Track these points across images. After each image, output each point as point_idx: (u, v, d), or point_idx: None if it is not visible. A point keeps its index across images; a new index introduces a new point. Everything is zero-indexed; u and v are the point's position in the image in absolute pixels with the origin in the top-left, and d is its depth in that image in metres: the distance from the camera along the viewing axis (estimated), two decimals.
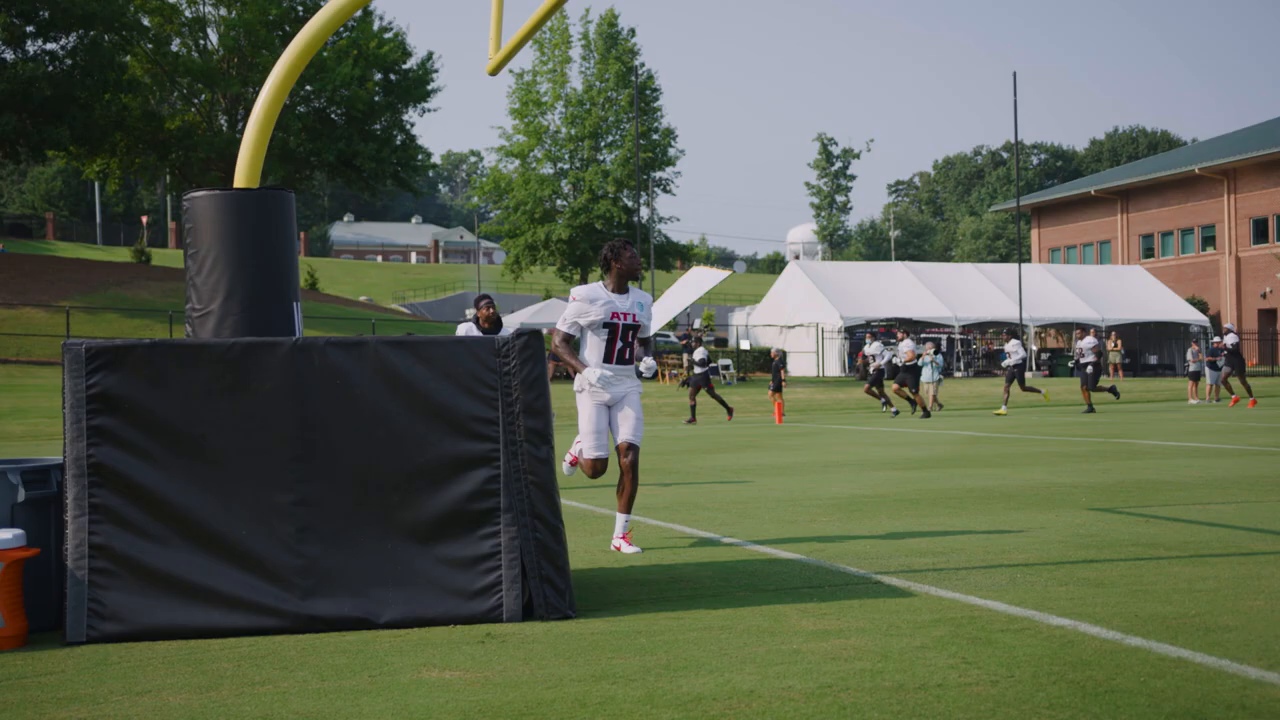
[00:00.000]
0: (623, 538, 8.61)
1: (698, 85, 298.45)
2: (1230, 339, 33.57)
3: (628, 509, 8.57)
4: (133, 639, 5.98)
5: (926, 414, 29.16)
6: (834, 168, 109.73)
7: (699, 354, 29.52)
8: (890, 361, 32.71)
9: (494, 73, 8.85)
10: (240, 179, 7.20)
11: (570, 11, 69.13)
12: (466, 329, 12.22)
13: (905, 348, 29.99)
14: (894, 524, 9.83)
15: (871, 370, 30.67)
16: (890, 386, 30.52)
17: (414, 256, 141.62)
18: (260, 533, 6.15)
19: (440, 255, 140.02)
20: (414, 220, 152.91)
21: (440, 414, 6.30)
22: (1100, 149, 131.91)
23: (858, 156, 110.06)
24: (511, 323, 55.38)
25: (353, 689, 5.02)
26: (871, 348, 30.40)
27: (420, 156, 60.56)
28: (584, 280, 68.02)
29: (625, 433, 8.42)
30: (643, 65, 65.52)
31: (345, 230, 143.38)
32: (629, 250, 8.54)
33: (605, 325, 8.45)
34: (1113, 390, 30.37)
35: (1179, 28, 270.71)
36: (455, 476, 6.30)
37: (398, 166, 58.47)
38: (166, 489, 6.10)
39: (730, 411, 29.30)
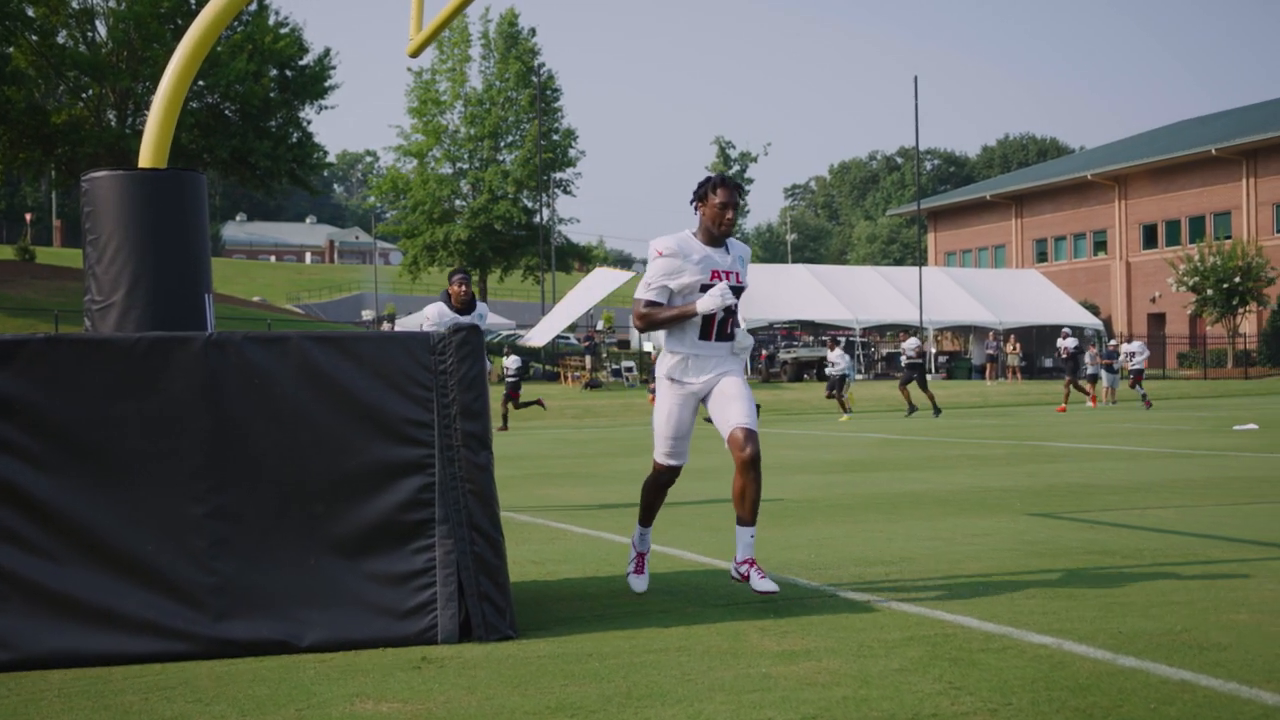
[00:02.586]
0: (749, 563, 6.36)
1: (598, 87, 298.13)
2: (1070, 343, 33.62)
3: (752, 518, 6.32)
4: (24, 668, 5.34)
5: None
6: (731, 171, 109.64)
7: (511, 361, 28.84)
8: None
9: (415, 54, 8.37)
10: (146, 158, 6.55)
11: (470, 10, 68.27)
12: (436, 310, 10.84)
13: None
14: (831, 531, 9.44)
15: None
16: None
17: (309, 257, 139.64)
18: (169, 548, 5.54)
19: (335, 256, 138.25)
20: (309, 220, 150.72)
21: (370, 416, 5.74)
22: (992, 155, 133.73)
23: (755, 160, 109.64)
24: (411, 324, 54.23)
25: None
26: None
27: (317, 155, 59.43)
28: (483, 282, 67.15)
29: (737, 416, 6.30)
30: (543, 65, 64.96)
31: (238, 230, 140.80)
32: (720, 191, 6.35)
33: (705, 289, 6.39)
34: (931, 402, 29.66)
35: (1067, 36, 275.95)
36: (386, 485, 5.74)
37: (293, 164, 57.28)
38: (63, 500, 5.47)
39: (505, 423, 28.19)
